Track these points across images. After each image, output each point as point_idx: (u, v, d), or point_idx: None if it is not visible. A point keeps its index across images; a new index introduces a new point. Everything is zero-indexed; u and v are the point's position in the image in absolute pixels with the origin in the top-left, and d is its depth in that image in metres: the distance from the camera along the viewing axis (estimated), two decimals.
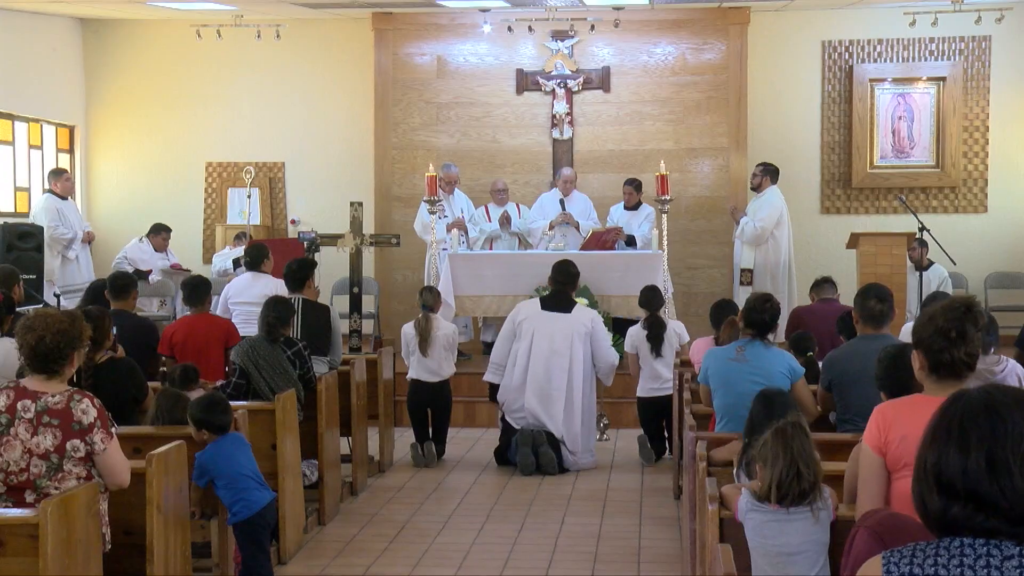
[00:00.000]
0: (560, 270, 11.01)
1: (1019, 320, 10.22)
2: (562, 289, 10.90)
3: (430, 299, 11.15)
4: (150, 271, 15.02)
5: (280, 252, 12.76)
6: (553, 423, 10.53)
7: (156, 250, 15.27)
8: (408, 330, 11.05)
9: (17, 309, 8.75)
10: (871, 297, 7.65)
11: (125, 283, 9.78)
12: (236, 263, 14.51)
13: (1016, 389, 2.50)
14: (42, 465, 5.42)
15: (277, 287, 10.52)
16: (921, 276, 13.17)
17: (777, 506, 4.77)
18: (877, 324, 7.51)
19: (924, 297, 11.32)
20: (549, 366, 10.55)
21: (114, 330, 8.00)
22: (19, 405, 5.45)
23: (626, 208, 14.57)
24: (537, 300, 11.01)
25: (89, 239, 15.26)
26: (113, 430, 5.57)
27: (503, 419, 10.92)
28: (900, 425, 4.52)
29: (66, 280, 14.12)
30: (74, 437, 5.43)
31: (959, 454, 2.40)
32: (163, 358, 9.47)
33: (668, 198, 13.22)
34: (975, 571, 2.33)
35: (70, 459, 5.44)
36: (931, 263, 13.84)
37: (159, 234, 15.32)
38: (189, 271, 15.19)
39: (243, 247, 13.69)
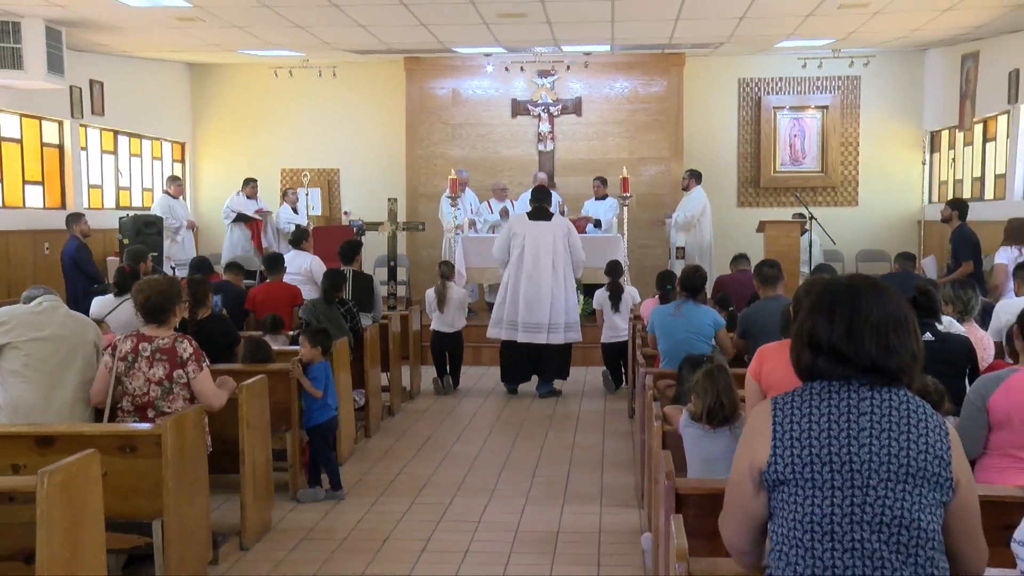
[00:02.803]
0: (538, 191, 11.03)
1: None
2: (541, 205, 10.76)
3: (446, 270, 11.12)
4: (263, 212, 15.31)
5: (336, 235, 12.75)
6: (542, 304, 10.47)
7: (248, 197, 15.32)
8: (430, 294, 11.00)
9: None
10: (764, 265, 7.74)
11: (275, 259, 9.86)
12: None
13: (873, 278, 2.58)
14: (158, 390, 5.47)
15: (312, 262, 10.51)
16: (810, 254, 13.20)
17: (707, 426, 4.78)
18: (772, 284, 7.51)
19: (813, 267, 11.35)
20: (538, 254, 10.48)
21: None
22: (140, 346, 5.51)
23: (596, 199, 14.51)
24: (525, 214, 10.93)
25: (191, 226, 15.23)
26: (205, 364, 5.58)
27: (501, 352, 10.86)
28: (770, 360, 4.77)
29: (175, 257, 14.13)
30: (178, 368, 5.48)
31: (827, 323, 2.46)
32: (250, 315, 9.46)
33: (628, 195, 13.25)
34: (840, 396, 2.42)
35: (177, 384, 5.49)
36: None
37: (249, 185, 15.39)
38: (270, 212, 15.27)
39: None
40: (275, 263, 9.79)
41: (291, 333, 8.77)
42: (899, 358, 2.40)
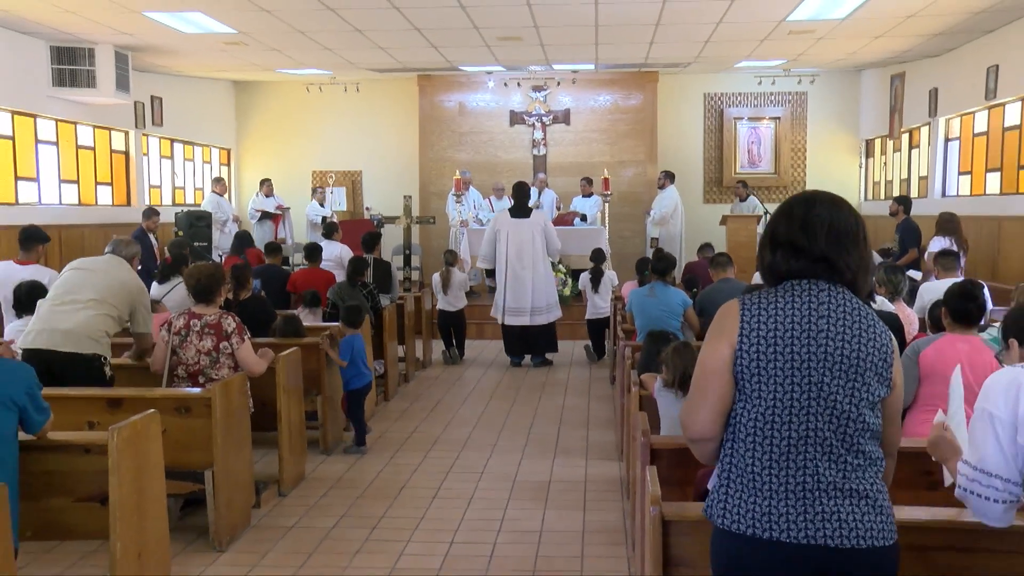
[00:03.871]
0: (518, 189, 10.76)
1: None
2: (521, 201, 10.64)
3: (450, 258, 11.12)
4: (282, 208, 15.08)
5: (360, 228, 12.74)
6: (525, 293, 10.43)
7: (266, 195, 15.19)
8: (436, 278, 11.00)
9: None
10: (717, 255, 8.02)
11: (314, 249, 9.78)
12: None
13: (834, 195, 2.49)
14: (207, 360, 5.48)
15: (342, 250, 10.50)
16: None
17: (679, 391, 4.79)
18: (723, 268, 7.66)
19: None
20: (520, 251, 10.43)
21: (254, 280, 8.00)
22: (191, 323, 5.52)
23: (583, 197, 14.47)
24: (507, 211, 10.77)
25: (236, 220, 15.21)
26: (246, 337, 5.58)
27: (503, 329, 10.84)
28: None
29: (222, 247, 14.10)
30: (224, 341, 5.49)
31: (787, 222, 2.42)
32: (292, 294, 9.47)
33: (609, 193, 13.26)
34: (803, 291, 2.37)
35: (223, 354, 5.49)
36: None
37: (265, 184, 15.20)
38: (288, 208, 15.22)
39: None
40: (314, 252, 9.79)
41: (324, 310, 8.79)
42: (847, 255, 2.36)
